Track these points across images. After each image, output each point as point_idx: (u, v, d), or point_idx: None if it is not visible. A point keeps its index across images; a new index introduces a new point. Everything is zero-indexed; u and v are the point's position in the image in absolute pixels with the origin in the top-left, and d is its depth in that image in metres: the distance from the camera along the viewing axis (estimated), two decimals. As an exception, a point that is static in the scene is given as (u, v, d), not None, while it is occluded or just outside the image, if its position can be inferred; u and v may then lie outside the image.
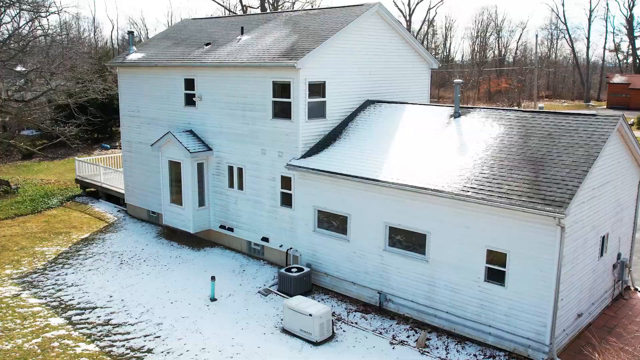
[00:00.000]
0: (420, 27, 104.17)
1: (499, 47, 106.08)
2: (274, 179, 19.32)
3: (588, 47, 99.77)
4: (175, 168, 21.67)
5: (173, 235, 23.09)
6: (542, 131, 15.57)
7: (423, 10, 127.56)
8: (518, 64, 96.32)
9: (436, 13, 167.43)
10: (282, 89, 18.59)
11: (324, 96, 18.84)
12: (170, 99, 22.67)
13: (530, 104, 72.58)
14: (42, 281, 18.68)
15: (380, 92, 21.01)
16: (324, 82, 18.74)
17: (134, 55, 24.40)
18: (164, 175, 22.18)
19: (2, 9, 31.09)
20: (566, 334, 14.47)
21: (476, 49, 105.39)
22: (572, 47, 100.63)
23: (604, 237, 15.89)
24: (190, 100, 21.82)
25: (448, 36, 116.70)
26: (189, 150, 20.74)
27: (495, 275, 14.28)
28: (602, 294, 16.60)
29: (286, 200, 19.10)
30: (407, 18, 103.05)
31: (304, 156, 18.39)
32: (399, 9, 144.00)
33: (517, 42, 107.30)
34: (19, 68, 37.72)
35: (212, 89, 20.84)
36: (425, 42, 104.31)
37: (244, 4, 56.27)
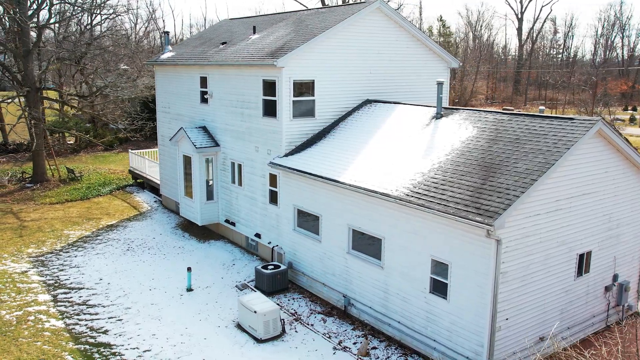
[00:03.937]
0: (533, 25, 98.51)
1: (622, 45, 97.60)
2: (264, 176, 19.53)
3: None
4: (188, 162, 22.63)
5: (189, 226, 24.12)
6: (511, 135, 14.33)
7: (538, 7, 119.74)
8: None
9: (551, 10, 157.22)
10: (270, 88, 18.73)
11: (313, 95, 18.71)
12: (190, 96, 23.69)
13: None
14: (52, 261, 20.43)
15: (386, 91, 20.40)
16: (313, 80, 18.60)
17: (166, 55, 25.78)
18: (180, 168, 23.26)
19: (74, 14, 34.02)
20: (518, 357, 13.23)
21: (599, 48, 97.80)
22: None
23: (582, 255, 14.28)
24: (204, 98, 22.65)
25: (568, 34, 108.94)
26: (195, 145, 21.57)
27: (440, 287, 13.44)
28: (586, 318, 14.94)
29: (273, 198, 19.24)
30: (519, 16, 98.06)
31: (287, 155, 18.41)
32: (510, 6, 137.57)
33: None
34: (123, 66, 41.24)
35: (219, 87, 21.48)
36: (541, 41, 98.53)
37: (325, 2, 56.73)
